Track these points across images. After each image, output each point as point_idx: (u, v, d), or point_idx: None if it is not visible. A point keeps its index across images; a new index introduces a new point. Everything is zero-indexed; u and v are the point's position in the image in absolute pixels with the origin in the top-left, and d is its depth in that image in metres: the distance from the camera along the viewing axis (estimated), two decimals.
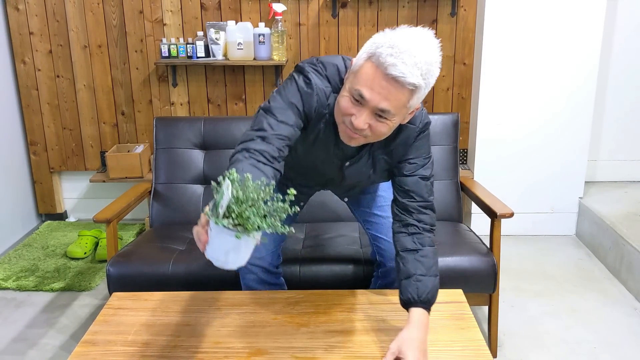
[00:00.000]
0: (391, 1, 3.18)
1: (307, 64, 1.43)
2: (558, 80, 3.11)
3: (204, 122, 2.60)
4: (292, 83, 1.42)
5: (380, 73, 1.24)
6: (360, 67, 1.29)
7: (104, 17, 3.24)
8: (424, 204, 1.53)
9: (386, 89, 1.25)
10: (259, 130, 1.34)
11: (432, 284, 1.47)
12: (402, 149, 1.51)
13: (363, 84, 1.27)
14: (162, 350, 1.44)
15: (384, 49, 1.23)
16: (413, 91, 1.26)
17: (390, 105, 1.27)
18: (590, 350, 2.25)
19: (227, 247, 1.06)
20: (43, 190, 3.51)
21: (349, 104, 1.31)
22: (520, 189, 3.25)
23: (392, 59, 1.22)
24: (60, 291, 2.72)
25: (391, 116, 1.29)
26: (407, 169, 1.52)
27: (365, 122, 1.30)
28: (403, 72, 1.22)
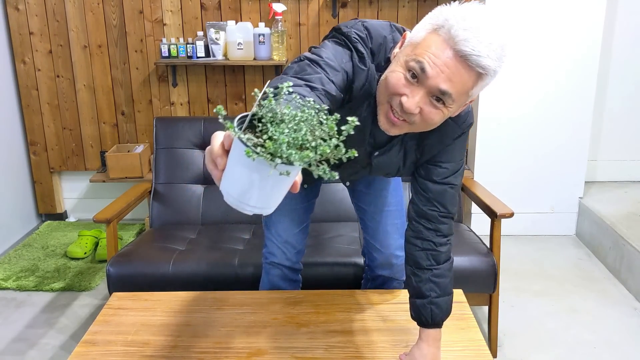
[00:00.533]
0: (391, 1, 3.18)
1: (353, 30, 1.20)
2: (558, 80, 3.11)
3: (204, 122, 2.60)
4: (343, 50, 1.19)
5: (448, 48, 1.05)
6: (423, 40, 1.08)
7: (104, 17, 3.24)
8: (446, 214, 1.38)
9: (453, 67, 1.06)
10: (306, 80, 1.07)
11: (447, 305, 1.40)
12: (436, 147, 1.33)
13: (426, 56, 1.06)
14: (162, 350, 1.44)
15: (456, 21, 1.04)
16: (481, 76, 1.08)
17: (453, 88, 1.07)
18: (590, 350, 2.25)
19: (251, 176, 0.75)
20: (43, 190, 3.51)
21: (401, 80, 1.10)
22: (520, 189, 3.25)
23: (465, 33, 1.03)
24: (60, 291, 2.72)
25: (450, 102, 1.10)
26: (437, 174, 1.35)
27: (418, 105, 1.10)
28: (478, 51, 1.03)
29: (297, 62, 1.14)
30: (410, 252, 1.42)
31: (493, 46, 1.05)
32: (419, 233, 1.40)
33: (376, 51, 1.20)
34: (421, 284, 1.39)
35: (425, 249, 1.39)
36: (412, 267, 1.42)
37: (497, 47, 1.05)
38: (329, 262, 2.08)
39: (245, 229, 2.41)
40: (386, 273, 1.79)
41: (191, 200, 2.53)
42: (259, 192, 0.76)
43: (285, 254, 1.74)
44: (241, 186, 0.76)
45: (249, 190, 0.76)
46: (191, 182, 2.55)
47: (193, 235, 2.36)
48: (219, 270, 2.07)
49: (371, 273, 1.84)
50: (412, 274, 1.42)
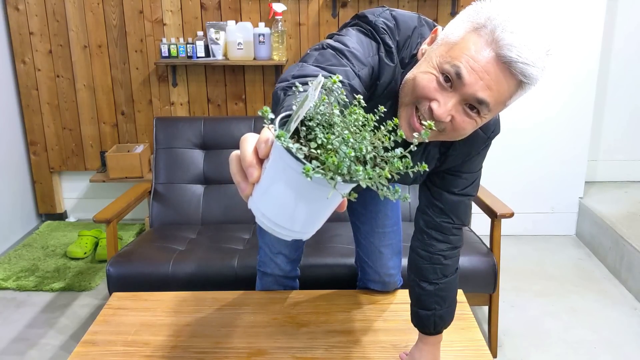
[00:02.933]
0: (391, 1, 3.18)
1: (380, 18, 1.06)
2: (558, 80, 3.11)
3: (204, 122, 2.60)
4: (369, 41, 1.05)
5: (490, 52, 0.92)
6: (461, 40, 0.96)
7: (104, 17, 3.24)
8: (459, 225, 1.31)
9: (493, 74, 0.93)
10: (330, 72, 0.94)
11: (450, 314, 1.37)
12: (461, 157, 1.21)
13: (464, 60, 0.93)
14: (162, 350, 1.44)
15: (500, 22, 0.92)
16: (522, 85, 0.96)
17: (491, 97, 0.95)
18: (590, 350, 2.25)
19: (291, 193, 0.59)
20: (43, 190, 3.51)
21: (433, 84, 0.97)
22: (520, 189, 3.25)
23: (512, 37, 0.91)
24: (60, 291, 2.72)
25: (485, 112, 0.97)
26: (455, 185, 1.25)
27: (449, 113, 0.97)
28: (525, 58, 0.91)
29: (318, 49, 1.02)
30: (416, 263, 1.35)
31: (540, 53, 0.93)
32: (427, 246, 1.31)
33: (402, 45, 1.07)
34: (426, 297, 1.34)
35: (434, 263, 1.32)
36: (417, 278, 1.35)
37: (543, 55, 0.94)
38: (329, 263, 2.08)
39: (245, 229, 2.41)
40: (378, 288, 1.73)
41: (191, 200, 2.53)
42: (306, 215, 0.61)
43: (278, 265, 1.69)
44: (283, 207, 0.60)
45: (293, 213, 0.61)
46: (191, 182, 2.55)
47: (193, 235, 2.36)
48: (219, 270, 2.07)
49: (363, 284, 1.78)
50: (417, 285, 1.35)
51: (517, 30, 0.92)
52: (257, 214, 0.63)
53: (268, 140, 0.62)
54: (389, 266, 1.69)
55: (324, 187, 0.58)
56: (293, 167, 0.57)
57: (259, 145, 0.62)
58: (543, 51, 0.94)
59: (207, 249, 2.21)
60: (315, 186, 0.58)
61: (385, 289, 1.73)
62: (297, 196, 0.59)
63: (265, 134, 0.63)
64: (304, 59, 1.00)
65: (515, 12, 0.94)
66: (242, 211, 2.52)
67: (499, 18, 0.93)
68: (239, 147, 0.66)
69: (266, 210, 0.61)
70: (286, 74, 0.95)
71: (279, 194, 0.60)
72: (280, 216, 0.61)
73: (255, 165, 0.62)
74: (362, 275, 1.77)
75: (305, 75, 0.92)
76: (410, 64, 1.07)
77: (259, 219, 0.63)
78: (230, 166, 0.66)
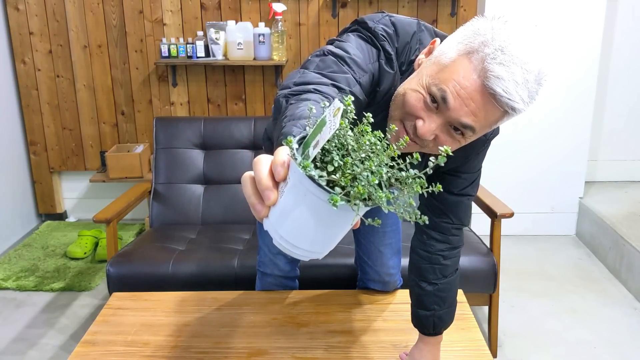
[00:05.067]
0: (391, 1, 3.18)
1: (379, 25, 1.06)
2: (558, 80, 3.10)
3: (204, 122, 2.60)
4: (370, 48, 1.05)
5: (478, 81, 0.92)
6: (452, 63, 0.95)
7: (104, 17, 3.24)
8: (459, 226, 1.31)
9: (478, 102, 0.93)
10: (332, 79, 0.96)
11: (450, 315, 1.37)
12: (459, 159, 1.20)
13: (451, 84, 0.93)
14: (162, 350, 1.44)
15: (492, 50, 0.91)
16: (508, 115, 0.96)
17: (476, 123, 0.95)
18: (590, 350, 2.25)
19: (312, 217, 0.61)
20: (43, 190, 3.51)
21: (420, 103, 0.97)
22: (520, 189, 3.25)
23: (500, 68, 0.90)
24: (60, 291, 2.72)
25: (470, 134, 0.98)
26: (455, 186, 1.25)
27: (433, 133, 0.97)
28: (509, 93, 0.91)
29: (319, 55, 1.01)
30: (415, 263, 1.35)
31: (528, 84, 0.92)
32: (428, 246, 1.32)
33: (400, 51, 1.07)
34: (425, 297, 1.34)
35: (433, 263, 1.32)
36: (417, 278, 1.35)
37: (532, 84, 0.92)
38: (329, 263, 2.08)
39: (245, 229, 2.41)
40: (378, 287, 1.73)
41: (191, 200, 2.53)
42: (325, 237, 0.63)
43: (278, 265, 1.69)
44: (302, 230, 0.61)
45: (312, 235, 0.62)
46: (191, 182, 2.55)
47: (193, 235, 2.36)
48: (219, 270, 2.07)
49: (363, 284, 1.78)
50: (416, 285, 1.36)
51: (507, 62, 0.90)
52: (274, 236, 0.63)
53: (284, 164, 0.62)
54: (389, 265, 1.69)
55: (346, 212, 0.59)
56: (316, 194, 0.58)
57: (275, 168, 0.62)
58: (532, 81, 0.92)
59: (207, 249, 2.21)
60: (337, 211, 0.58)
61: (385, 289, 1.73)
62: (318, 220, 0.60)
63: (281, 156, 0.62)
64: (305, 66, 1.00)
65: (511, 39, 0.92)
66: (242, 211, 2.52)
67: (493, 46, 0.91)
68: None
69: (284, 232, 0.62)
70: (287, 80, 0.95)
71: (298, 218, 0.60)
72: (300, 238, 0.62)
73: (272, 189, 0.62)
74: (362, 275, 1.77)
75: (307, 83, 0.92)
76: (407, 71, 1.07)
77: (277, 240, 0.63)
78: (244, 188, 0.66)
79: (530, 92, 0.93)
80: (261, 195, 0.63)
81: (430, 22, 3.20)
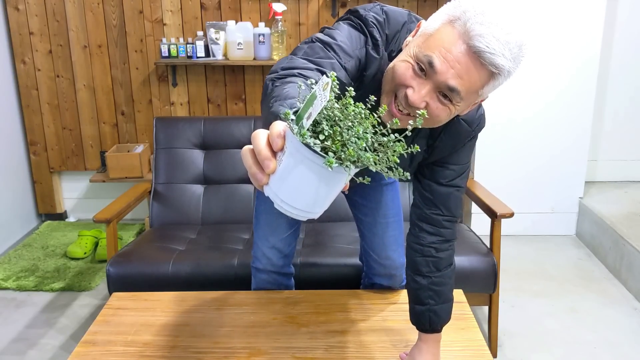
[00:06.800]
0: (391, 1, 3.18)
1: (370, 13, 1.14)
2: (558, 80, 3.11)
3: (204, 122, 2.60)
4: (358, 34, 1.13)
5: (461, 42, 0.99)
6: (436, 31, 1.02)
7: (104, 17, 3.24)
8: (450, 218, 1.35)
9: (464, 64, 0.99)
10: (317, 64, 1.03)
11: (446, 311, 1.38)
12: (447, 149, 1.28)
13: (437, 50, 1.00)
14: (162, 350, 1.44)
15: (472, 14, 0.99)
16: (493, 76, 1.01)
17: (462, 86, 1.01)
18: (590, 350, 2.25)
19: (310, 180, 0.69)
20: (43, 190, 3.51)
21: (409, 72, 1.03)
22: (520, 189, 3.25)
23: (481, 28, 0.97)
24: (60, 291, 2.72)
25: (458, 100, 1.03)
26: (443, 176, 1.31)
27: (424, 100, 1.03)
28: (492, 48, 0.97)
29: (308, 42, 1.08)
30: (410, 257, 1.39)
31: (510, 45, 0.99)
32: (420, 238, 1.36)
33: (391, 38, 1.14)
34: (420, 291, 1.37)
35: (425, 255, 1.36)
36: (412, 273, 1.39)
37: (514, 47, 0.99)
38: (329, 262, 2.08)
39: (245, 229, 2.41)
40: (385, 282, 1.73)
41: (191, 200, 2.53)
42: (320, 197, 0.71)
43: (271, 260, 1.68)
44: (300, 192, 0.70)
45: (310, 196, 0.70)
46: (191, 182, 2.55)
47: (193, 235, 2.36)
48: (219, 270, 2.07)
49: (369, 280, 1.78)
50: (412, 280, 1.39)
51: (487, 22, 0.97)
52: (275, 200, 0.71)
53: (280, 135, 0.69)
54: (394, 258, 1.69)
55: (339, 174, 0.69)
56: (312, 159, 0.67)
57: (273, 139, 0.70)
58: (514, 43, 0.99)
59: (207, 249, 2.21)
60: (331, 173, 0.68)
61: (391, 284, 1.72)
62: (314, 182, 0.69)
63: (277, 128, 0.70)
64: (294, 52, 1.06)
65: (491, 7, 0.99)
66: (242, 211, 2.52)
67: (473, 11, 0.99)
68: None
69: (284, 195, 0.70)
70: (276, 66, 1.01)
71: (296, 181, 0.69)
72: (298, 199, 0.70)
73: (271, 158, 0.70)
74: (368, 270, 1.76)
75: (294, 68, 0.99)
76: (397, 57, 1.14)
77: (278, 204, 0.71)
78: (244, 160, 0.73)
79: (512, 53, 0.99)
80: (261, 164, 0.70)
81: None
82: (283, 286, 1.76)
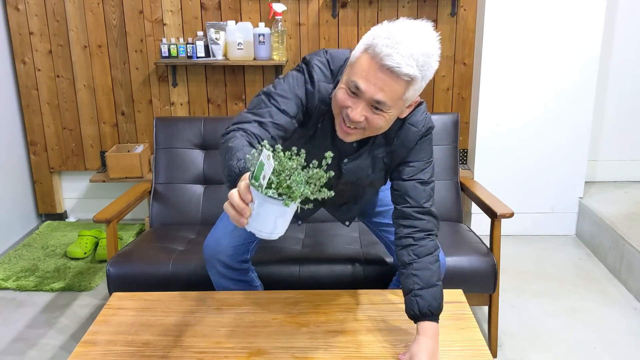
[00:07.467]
0: (391, 1, 3.18)
1: (315, 57, 1.42)
2: (558, 80, 3.11)
3: (204, 122, 2.60)
4: (299, 76, 1.41)
5: (375, 64, 1.24)
6: (357, 59, 1.28)
7: (104, 17, 3.24)
8: (419, 209, 1.50)
9: (382, 80, 1.25)
10: (257, 115, 1.35)
11: (432, 296, 1.43)
12: (403, 150, 1.49)
13: (359, 75, 1.27)
14: (162, 350, 1.44)
15: (381, 40, 1.24)
16: (409, 83, 1.26)
17: (385, 97, 1.26)
18: (590, 350, 2.25)
19: (274, 216, 1.05)
20: (43, 190, 3.51)
21: (345, 95, 1.31)
22: (520, 189, 3.25)
23: (387, 49, 1.22)
24: (60, 291, 2.72)
25: (387, 108, 1.29)
26: (406, 173, 1.51)
27: (362, 115, 1.30)
28: (398, 63, 1.22)
29: (257, 95, 1.40)
30: (397, 254, 1.52)
31: (415, 56, 1.23)
32: (398, 233, 1.52)
33: (336, 72, 1.41)
34: (406, 279, 1.47)
35: (405, 245, 1.49)
36: (399, 267, 1.51)
37: (419, 56, 1.23)
38: (329, 262, 2.08)
39: None
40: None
41: (191, 200, 2.53)
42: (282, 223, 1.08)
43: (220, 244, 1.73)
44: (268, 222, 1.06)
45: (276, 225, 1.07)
46: (191, 182, 2.55)
47: (193, 235, 2.36)
48: None
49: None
50: (400, 274, 1.50)
51: (392, 44, 1.23)
52: (254, 231, 1.07)
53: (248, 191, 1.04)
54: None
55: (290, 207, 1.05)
56: (273, 202, 1.04)
57: (244, 195, 1.04)
58: (419, 54, 1.23)
59: None
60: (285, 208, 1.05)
61: None
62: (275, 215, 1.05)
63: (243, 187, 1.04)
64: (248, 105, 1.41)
65: (395, 29, 1.25)
66: None
67: (380, 37, 1.25)
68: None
69: (256, 226, 1.07)
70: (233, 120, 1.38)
71: (263, 217, 1.06)
72: (266, 227, 1.07)
73: (246, 208, 1.04)
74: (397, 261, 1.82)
75: (239, 122, 1.35)
76: None
77: (258, 234, 1.07)
78: (228, 212, 1.06)
79: (419, 62, 1.24)
80: (240, 212, 1.05)
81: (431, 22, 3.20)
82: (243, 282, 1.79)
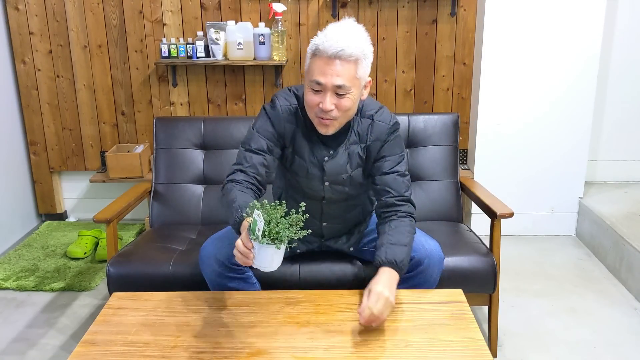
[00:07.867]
0: (391, 1, 3.18)
1: (279, 92, 1.75)
2: (558, 80, 3.11)
3: (204, 122, 2.60)
4: (262, 112, 1.73)
5: (324, 58, 1.54)
6: (309, 66, 1.60)
7: (104, 17, 3.24)
8: (401, 197, 1.73)
9: (334, 68, 1.54)
10: (238, 164, 1.68)
11: (401, 252, 1.62)
12: (377, 144, 1.74)
13: (316, 73, 1.56)
14: (162, 350, 1.44)
15: (320, 41, 1.56)
16: (356, 62, 1.56)
17: (343, 80, 1.55)
18: (590, 350, 2.25)
19: (270, 255, 1.38)
20: (43, 190, 3.51)
21: (312, 96, 1.60)
22: (520, 189, 3.25)
23: (328, 43, 1.53)
24: (60, 291, 2.72)
25: (348, 89, 1.57)
26: (385, 167, 1.74)
27: (332, 103, 1.57)
28: (341, 47, 1.52)
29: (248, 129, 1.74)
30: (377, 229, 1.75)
31: (350, 38, 1.54)
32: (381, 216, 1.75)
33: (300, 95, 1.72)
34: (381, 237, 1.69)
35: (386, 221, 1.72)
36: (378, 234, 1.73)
37: (354, 39, 1.55)
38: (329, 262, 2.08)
39: None
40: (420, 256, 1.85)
41: (191, 200, 2.53)
42: (278, 259, 1.40)
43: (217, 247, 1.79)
44: (266, 260, 1.39)
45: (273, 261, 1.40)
46: (191, 182, 2.55)
47: (193, 235, 2.36)
48: None
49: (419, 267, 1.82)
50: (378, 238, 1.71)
51: (329, 38, 1.54)
52: (257, 267, 1.41)
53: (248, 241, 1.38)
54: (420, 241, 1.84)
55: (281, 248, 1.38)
56: (268, 246, 1.37)
57: (246, 244, 1.38)
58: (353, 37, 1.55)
59: None
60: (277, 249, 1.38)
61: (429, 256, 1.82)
62: (271, 255, 1.39)
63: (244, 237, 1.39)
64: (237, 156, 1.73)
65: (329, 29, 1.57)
66: None
67: (320, 39, 1.57)
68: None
69: (258, 263, 1.40)
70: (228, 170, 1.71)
71: (262, 257, 1.39)
72: (265, 264, 1.40)
73: (249, 253, 1.38)
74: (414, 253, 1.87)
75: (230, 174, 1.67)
76: None
77: (260, 268, 1.41)
78: (236, 255, 1.40)
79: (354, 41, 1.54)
80: (245, 257, 1.38)
81: (431, 22, 3.21)
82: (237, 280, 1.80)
